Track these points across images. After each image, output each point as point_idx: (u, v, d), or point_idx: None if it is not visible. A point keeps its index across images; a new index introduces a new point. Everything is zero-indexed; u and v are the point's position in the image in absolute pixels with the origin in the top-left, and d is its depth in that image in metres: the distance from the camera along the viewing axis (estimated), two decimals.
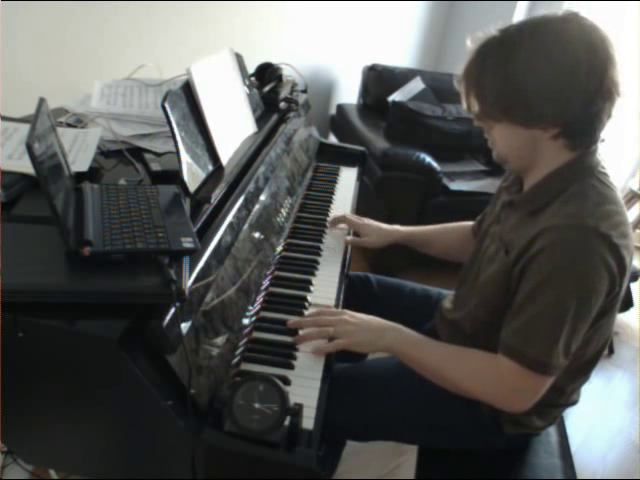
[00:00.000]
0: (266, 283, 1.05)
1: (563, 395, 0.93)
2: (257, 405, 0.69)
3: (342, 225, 1.31)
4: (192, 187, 0.86)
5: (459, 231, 1.23)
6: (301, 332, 0.93)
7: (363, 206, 1.53)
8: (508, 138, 0.87)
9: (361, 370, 1.04)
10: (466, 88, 0.87)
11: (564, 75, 0.77)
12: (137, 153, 1.05)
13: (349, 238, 1.27)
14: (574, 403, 0.98)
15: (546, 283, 0.78)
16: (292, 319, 0.95)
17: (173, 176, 0.89)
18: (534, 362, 0.80)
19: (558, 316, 0.78)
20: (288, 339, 0.92)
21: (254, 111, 1.22)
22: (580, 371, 0.92)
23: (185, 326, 0.69)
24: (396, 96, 2.61)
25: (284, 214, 1.21)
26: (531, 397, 0.83)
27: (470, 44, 0.86)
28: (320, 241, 1.24)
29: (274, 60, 1.49)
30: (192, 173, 0.88)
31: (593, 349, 0.89)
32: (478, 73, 0.84)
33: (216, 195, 0.91)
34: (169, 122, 0.84)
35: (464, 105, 0.90)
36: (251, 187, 1.03)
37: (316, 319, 0.94)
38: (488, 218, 1.05)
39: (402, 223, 1.30)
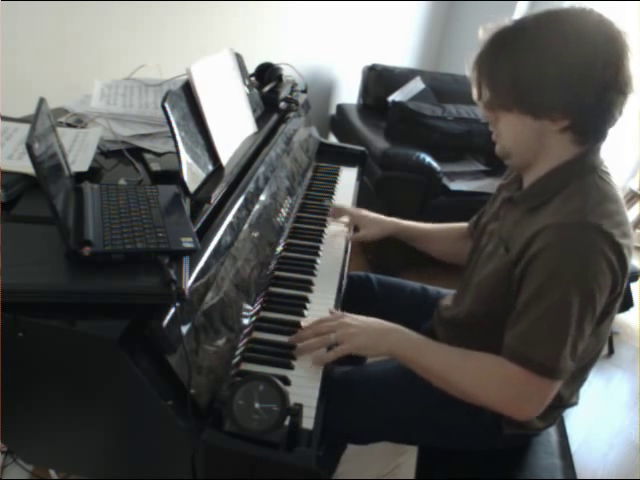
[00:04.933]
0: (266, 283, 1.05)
1: (561, 398, 0.92)
2: (257, 405, 0.69)
3: (344, 219, 1.31)
4: (192, 187, 0.86)
5: (456, 231, 1.23)
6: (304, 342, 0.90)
7: (363, 206, 1.53)
8: (515, 129, 0.85)
9: (361, 373, 1.04)
10: (478, 76, 0.86)
11: (581, 64, 0.76)
12: (137, 153, 1.05)
13: (349, 235, 1.28)
14: (574, 404, 0.98)
15: (549, 282, 0.77)
16: (292, 336, 0.91)
17: (173, 176, 0.89)
18: (541, 366, 0.77)
19: (563, 317, 0.76)
20: (288, 339, 0.92)
21: (254, 111, 1.22)
22: (577, 374, 0.91)
23: (185, 326, 0.69)
24: (396, 96, 2.61)
25: (284, 214, 1.21)
26: (539, 403, 0.81)
27: (482, 33, 0.85)
28: (320, 241, 1.24)
29: (274, 60, 1.49)
30: (192, 173, 0.88)
31: (590, 353, 0.88)
32: (492, 61, 0.83)
33: (216, 195, 0.91)
34: (169, 122, 0.84)
35: (474, 94, 0.88)
36: (251, 187, 1.03)
37: (316, 328, 0.91)
38: (485, 216, 1.05)
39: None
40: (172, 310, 0.66)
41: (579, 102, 0.78)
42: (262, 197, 1.08)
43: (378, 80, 2.71)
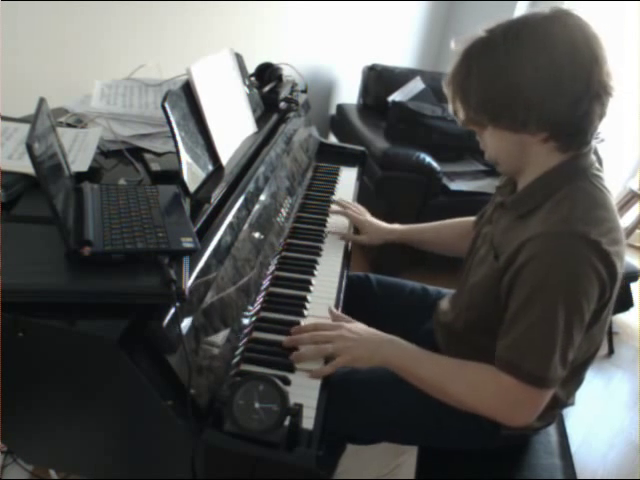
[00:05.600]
0: (266, 283, 1.05)
1: (557, 399, 0.92)
2: (257, 405, 0.69)
3: (343, 220, 1.30)
4: (192, 187, 0.86)
5: (461, 226, 1.22)
6: (300, 349, 0.89)
7: (363, 206, 1.53)
8: (497, 142, 0.86)
9: (360, 374, 1.03)
10: (452, 93, 0.86)
11: (547, 79, 0.76)
12: (137, 153, 1.05)
13: (346, 233, 1.28)
14: (570, 405, 0.98)
15: (536, 293, 0.77)
16: (287, 338, 0.90)
17: (173, 176, 0.90)
18: (532, 376, 0.78)
19: (551, 327, 0.76)
20: (284, 341, 0.91)
21: (254, 111, 1.22)
22: (572, 377, 0.92)
23: (185, 326, 0.69)
24: (396, 96, 2.61)
25: (284, 214, 1.21)
26: (532, 411, 0.82)
27: (455, 46, 0.84)
28: (320, 241, 1.24)
29: (274, 60, 1.49)
30: (192, 173, 0.88)
31: (584, 354, 0.88)
32: (463, 78, 0.83)
33: (216, 195, 0.91)
34: (169, 122, 0.84)
35: (450, 110, 0.89)
36: (251, 187, 1.03)
37: (313, 335, 0.90)
38: (483, 218, 1.05)
39: (402, 223, 1.30)
40: (172, 310, 0.66)
41: (552, 115, 0.78)
42: (262, 197, 1.08)
43: (378, 80, 2.71)
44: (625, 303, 1.91)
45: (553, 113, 0.78)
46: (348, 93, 2.96)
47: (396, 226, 1.28)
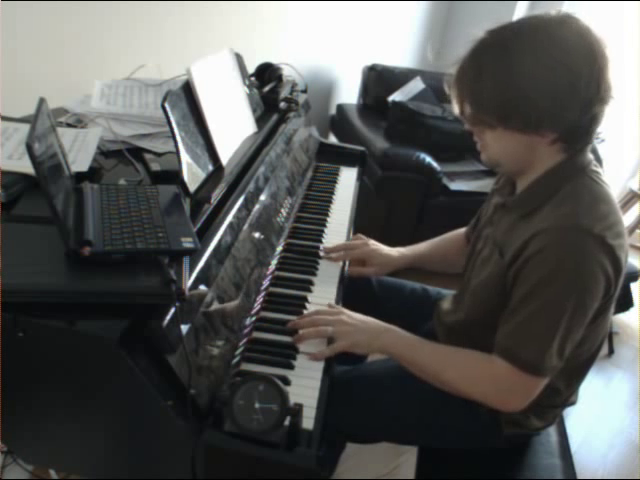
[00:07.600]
0: (266, 283, 1.05)
1: (560, 396, 0.93)
2: (257, 405, 0.69)
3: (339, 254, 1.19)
4: (192, 187, 0.86)
5: (455, 240, 1.21)
6: (300, 332, 0.93)
7: (363, 206, 1.53)
8: (504, 143, 0.85)
9: (361, 372, 1.04)
10: (459, 93, 0.85)
11: (564, 83, 0.76)
12: (137, 153, 1.05)
13: (353, 268, 1.20)
14: (572, 403, 0.99)
15: (541, 285, 0.78)
16: (291, 321, 0.94)
17: (173, 176, 0.89)
18: (527, 363, 0.80)
19: (552, 318, 0.78)
20: (288, 339, 0.92)
21: (254, 111, 1.22)
22: (576, 372, 0.93)
23: (185, 326, 0.69)
24: (396, 96, 2.61)
25: (284, 214, 1.21)
26: (525, 397, 0.84)
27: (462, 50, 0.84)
28: (320, 241, 1.23)
29: (274, 60, 1.49)
30: (192, 173, 0.88)
31: (588, 350, 0.89)
32: (473, 78, 0.82)
33: (216, 195, 0.91)
34: (169, 122, 0.84)
35: (456, 110, 0.88)
36: (251, 187, 1.03)
37: (314, 319, 0.94)
38: (482, 220, 1.05)
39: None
40: (172, 310, 0.66)
41: (565, 118, 0.78)
42: (262, 197, 1.08)
43: (378, 80, 2.71)
44: (625, 303, 1.91)
45: (567, 115, 0.78)
46: (348, 93, 2.96)
47: (403, 251, 1.23)
